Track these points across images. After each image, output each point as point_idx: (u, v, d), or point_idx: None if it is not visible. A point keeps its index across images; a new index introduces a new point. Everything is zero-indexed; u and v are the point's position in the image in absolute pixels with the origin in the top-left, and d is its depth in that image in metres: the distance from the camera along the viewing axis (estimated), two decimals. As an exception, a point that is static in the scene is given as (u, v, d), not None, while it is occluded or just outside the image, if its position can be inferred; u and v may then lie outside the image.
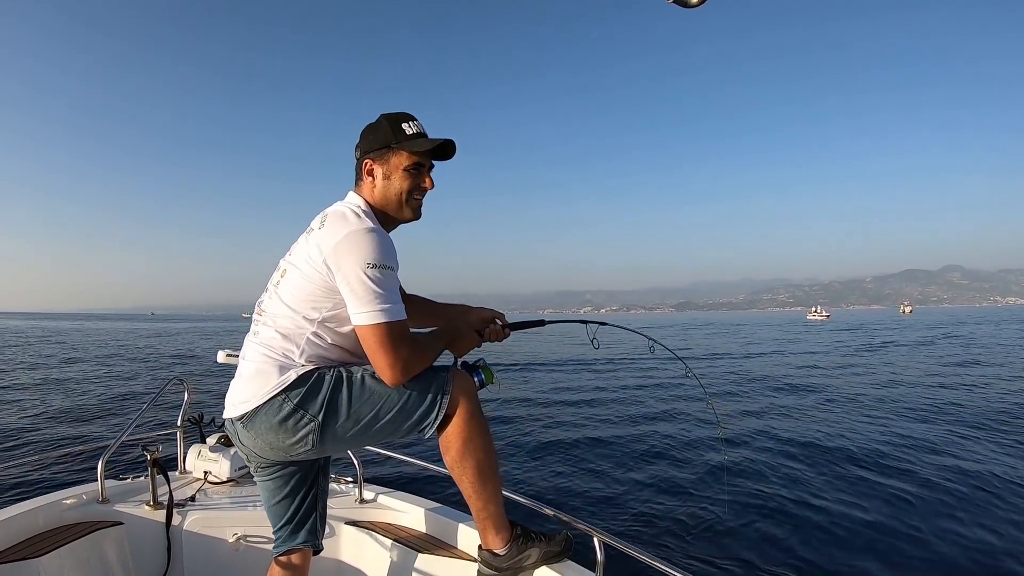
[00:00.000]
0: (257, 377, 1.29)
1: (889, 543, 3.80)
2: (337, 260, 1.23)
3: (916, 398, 9.56)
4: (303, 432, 1.27)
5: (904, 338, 27.33)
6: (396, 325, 1.24)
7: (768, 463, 5.71)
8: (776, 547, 3.73)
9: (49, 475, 4.38)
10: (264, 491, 1.48)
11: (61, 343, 25.34)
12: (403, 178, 1.38)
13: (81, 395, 9.83)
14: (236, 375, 1.36)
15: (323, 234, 1.28)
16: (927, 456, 5.83)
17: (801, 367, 15.09)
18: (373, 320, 1.22)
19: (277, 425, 1.27)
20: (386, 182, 1.38)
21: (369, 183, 1.39)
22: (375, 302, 1.22)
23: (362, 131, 1.41)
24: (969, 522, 4.05)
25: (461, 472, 1.39)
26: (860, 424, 7.58)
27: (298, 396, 1.26)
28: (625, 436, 7.39)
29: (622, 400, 10.80)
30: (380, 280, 1.23)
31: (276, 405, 1.26)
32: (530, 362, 16.63)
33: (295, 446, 1.29)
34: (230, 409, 1.34)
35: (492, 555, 1.49)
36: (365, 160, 1.38)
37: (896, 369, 14.43)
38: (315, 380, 1.29)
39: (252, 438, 1.31)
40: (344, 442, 1.34)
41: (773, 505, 4.50)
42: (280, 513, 1.48)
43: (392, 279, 1.27)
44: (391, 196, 1.38)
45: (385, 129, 1.37)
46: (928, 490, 4.76)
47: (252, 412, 1.28)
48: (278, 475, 1.44)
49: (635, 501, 4.70)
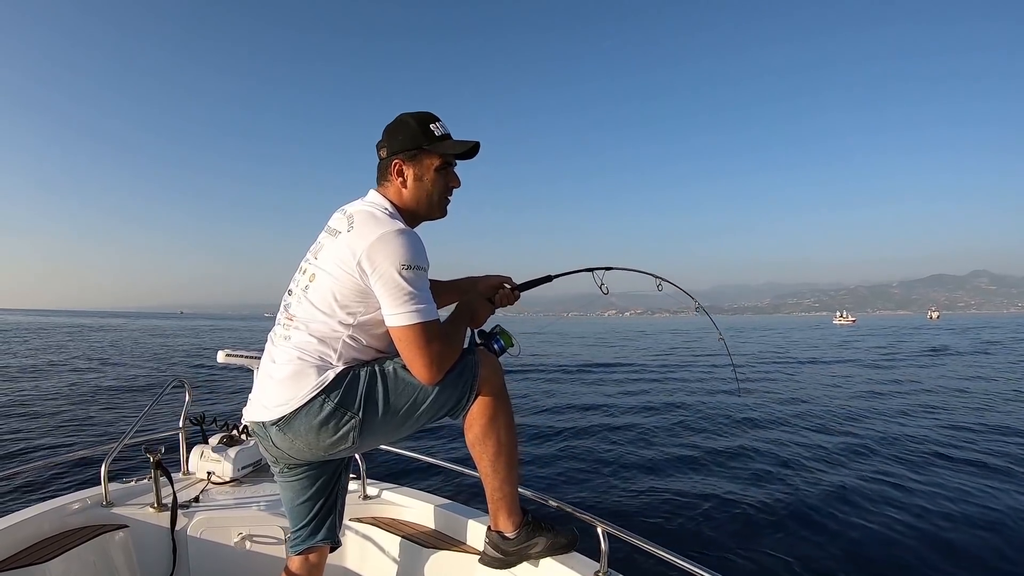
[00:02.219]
0: (293, 379, 1.27)
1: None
2: (372, 262, 1.22)
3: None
4: (344, 430, 1.28)
5: (957, 344, 25.85)
6: (430, 324, 1.25)
7: (814, 466, 5.58)
8: (786, 542, 3.67)
9: (52, 480, 4.49)
10: (288, 491, 1.47)
11: (79, 341, 25.92)
12: (435, 179, 1.38)
13: (83, 395, 10.01)
14: (264, 377, 1.34)
15: (354, 236, 1.26)
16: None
17: (873, 380, 13.33)
18: (408, 321, 1.23)
19: (318, 426, 1.27)
20: (418, 183, 1.37)
21: (398, 184, 1.37)
22: (410, 303, 1.23)
23: (387, 130, 1.39)
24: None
25: (482, 450, 1.41)
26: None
27: (337, 396, 1.27)
28: (630, 428, 7.37)
29: (629, 392, 10.80)
30: (414, 281, 1.23)
31: (316, 406, 1.26)
32: (542, 364, 16.68)
33: (336, 445, 1.29)
34: (262, 412, 1.31)
35: (501, 537, 1.49)
36: (394, 161, 1.36)
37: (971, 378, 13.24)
38: (351, 378, 1.29)
39: (289, 440, 1.30)
40: (384, 436, 1.37)
41: (788, 502, 4.44)
42: (303, 513, 1.48)
43: (424, 279, 1.27)
44: (423, 197, 1.38)
45: (414, 130, 1.35)
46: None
47: (291, 415, 1.27)
48: (305, 476, 1.44)
49: (639, 491, 4.70)
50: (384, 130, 1.39)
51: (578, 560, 1.50)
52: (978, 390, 11.01)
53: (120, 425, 7.40)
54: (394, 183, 1.37)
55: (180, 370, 15.00)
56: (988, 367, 15.79)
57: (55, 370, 14.15)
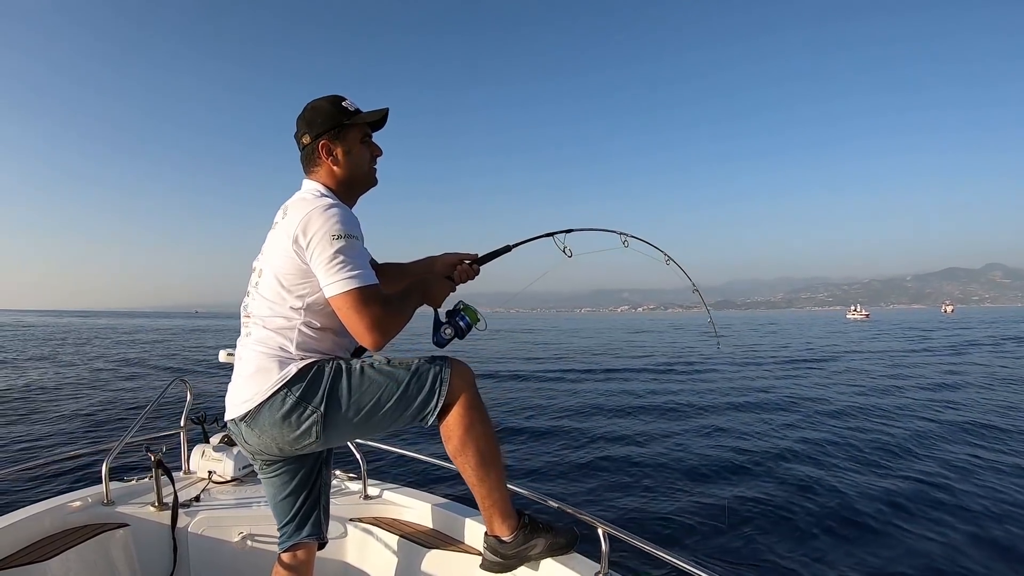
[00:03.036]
0: (257, 375, 1.31)
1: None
2: (305, 236, 1.25)
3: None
4: (307, 425, 1.28)
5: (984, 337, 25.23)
6: (367, 289, 1.25)
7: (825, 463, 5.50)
8: (785, 543, 3.61)
9: (54, 478, 4.54)
10: (269, 488, 1.50)
11: (91, 340, 26.32)
12: (361, 151, 1.44)
13: (85, 396, 10.12)
14: (234, 377, 1.38)
15: (288, 220, 1.31)
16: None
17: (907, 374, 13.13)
18: (344, 288, 1.24)
19: (281, 420, 1.28)
20: (348, 157, 1.42)
21: (329, 163, 1.41)
22: (344, 270, 1.24)
23: (304, 119, 1.42)
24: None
25: (464, 461, 1.40)
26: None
27: (300, 389, 1.28)
28: (628, 428, 7.32)
29: (627, 392, 10.72)
30: (346, 249, 1.25)
31: (279, 400, 1.28)
32: (537, 361, 16.57)
33: (300, 439, 1.30)
34: (231, 410, 1.35)
35: (498, 541, 1.48)
36: (321, 142, 1.40)
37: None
38: (315, 373, 1.31)
39: (257, 436, 1.33)
40: (347, 433, 1.37)
41: (786, 503, 4.37)
42: (285, 509, 1.49)
43: (358, 248, 1.28)
44: (356, 168, 1.44)
45: (331, 110, 1.40)
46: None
47: (255, 410, 1.29)
48: (282, 471, 1.46)
49: (639, 492, 4.67)
50: (300, 119, 1.43)
51: (578, 561, 1.48)
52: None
53: (122, 424, 7.49)
54: (325, 164, 1.41)
55: (183, 369, 15.18)
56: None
57: (59, 369, 14.44)
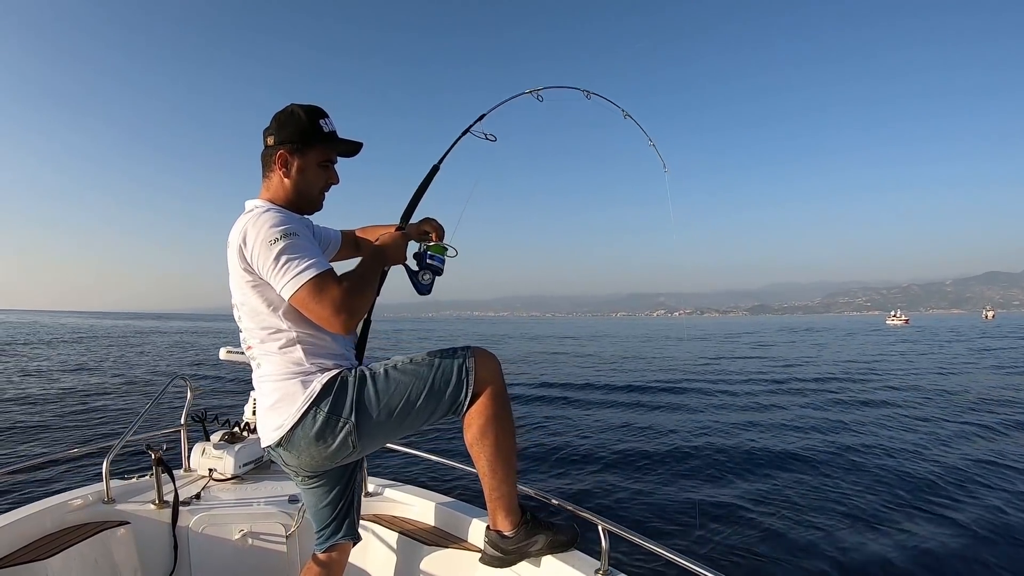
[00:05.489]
0: (282, 402, 1.31)
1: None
2: (247, 250, 1.24)
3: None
4: (341, 437, 1.29)
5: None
6: (317, 277, 1.21)
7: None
8: (786, 543, 3.65)
9: (54, 476, 4.51)
10: (309, 498, 1.52)
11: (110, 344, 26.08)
12: (317, 174, 1.40)
13: (87, 397, 10.04)
14: (258, 410, 1.39)
15: (230, 239, 1.30)
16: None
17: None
18: (296, 285, 1.20)
19: (315, 438, 1.29)
20: (300, 176, 1.38)
21: (281, 174, 1.37)
22: (290, 269, 1.21)
23: (276, 119, 1.38)
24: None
25: (480, 449, 1.41)
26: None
27: (328, 404, 1.29)
28: (629, 428, 7.35)
29: (625, 390, 10.77)
30: (286, 248, 1.21)
31: (310, 419, 1.29)
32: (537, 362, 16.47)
33: (338, 452, 1.31)
34: (266, 438, 1.36)
35: (500, 536, 1.50)
36: (279, 151, 1.36)
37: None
38: (340, 385, 1.31)
39: (296, 457, 1.33)
40: (383, 436, 1.37)
41: (791, 501, 4.43)
42: (326, 516, 1.52)
43: (299, 242, 1.24)
44: (304, 189, 1.39)
45: (304, 123, 1.36)
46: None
47: (288, 433, 1.30)
48: (324, 483, 1.48)
49: (640, 490, 4.70)
50: (273, 117, 1.39)
51: (579, 558, 1.50)
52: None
53: (123, 422, 7.44)
54: (276, 173, 1.37)
55: (183, 369, 15.07)
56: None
57: (74, 370, 14.28)
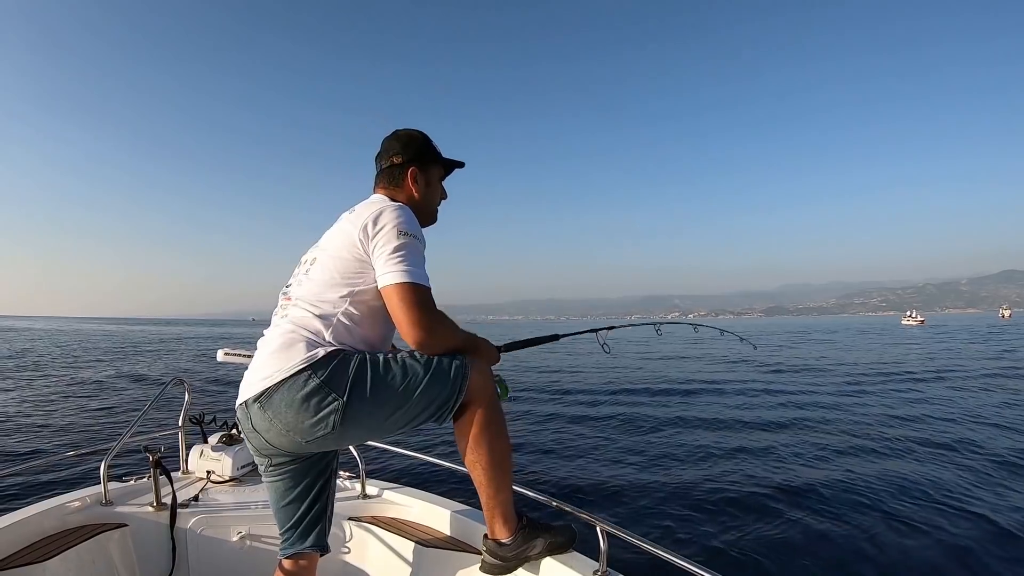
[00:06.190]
0: (282, 351, 1.26)
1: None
2: (373, 228, 1.31)
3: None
4: (325, 412, 1.23)
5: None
6: (422, 288, 1.29)
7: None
8: (789, 545, 3.63)
9: (52, 478, 4.49)
10: (273, 492, 1.45)
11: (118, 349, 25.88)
12: (439, 188, 1.61)
13: (88, 397, 10.03)
14: (255, 357, 1.33)
15: (356, 215, 1.38)
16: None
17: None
18: (400, 279, 1.27)
19: (299, 402, 1.22)
20: (428, 189, 1.56)
21: (413, 189, 1.52)
22: (403, 263, 1.28)
23: (396, 141, 1.55)
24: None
25: (475, 459, 1.40)
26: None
27: (324, 374, 1.24)
28: (632, 429, 7.36)
29: (626, 391, 10.77)
30: (409, 245, 1.31)
31: (301, 380, 1.23)
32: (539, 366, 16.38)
33: (315, 427, 1.24)
34: (247, 389, 1.29)
35: (497, 544, 1.49)
36: (411, 168, 1.52)
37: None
38: (341, 360, 1.27)
39: (268, 420, 1.26)
40: (365, 428, 1.30)
41: (793, 502, 4.41)
42: (289, 515, 1.46)
43: (420, 250, 1.34)
44: (430, 203, 1.57)
45: (424, 143, 1.56)
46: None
47: (273, 387, 1.24)
48: (288, 475, 1.42)
49: (638, 491, 4.69)
50: (393, 140, 1.55)
51: (578, 560, 1.50)
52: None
53: (120, 424, 7.40)
54: (408, 187, 1.52)
55: (181, 371, 15.01)
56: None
57: (75, 372, 14.21)
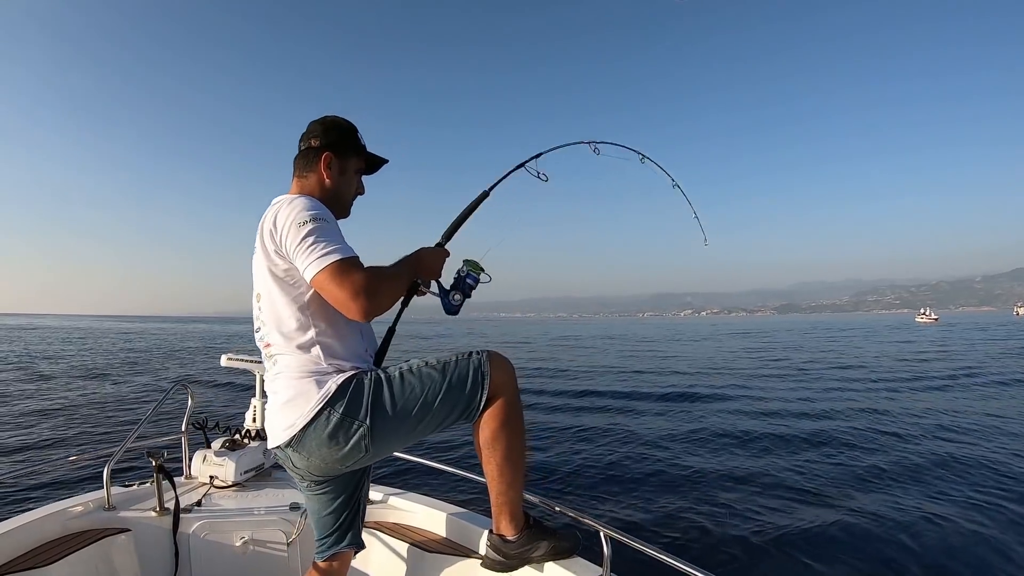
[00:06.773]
0: (296, 400, 1.29)
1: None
2: (276, 232, 1.27)
3: None
4: (355, 440, 1.27)
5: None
6: (343, 260, 1.23)
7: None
8: (790, 551, 3.62)
9: (55, 483, 4.48)
10: (313, 504, 1.49)
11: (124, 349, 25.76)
12: (353, 180, 1.50)
13: (88, 399, 10.03)
14: (269, 407, 1.36)
15: (260, 225, 1.33)
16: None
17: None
18: (320, 266, 1.21)
19: (328, 439, 1.27)
20: (342, 179, 1.47)
21: (324, 174, 1.44)
22: (316, 249, 1.23)
23: (320, 123, 1.46)
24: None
25: (491, 453, 1.41)
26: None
27: (342, 406, 1.27)
28: (631, 433, 7.34)
29: (629, 395, 10.76)
30: (315, 230, 1.24)
31: (323, 420, 1.27)
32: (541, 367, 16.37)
33: (350, 456, 1.29)
34: (275, 438, 1.33)
35: (502, 540, 1.50)
36: (325, 153, 1.43)
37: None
38: (355, 386, 1.30)
39: (305, 459, 1.31)
40: (397, 441, 1.35)
41: (797, 505, 4.41)
42: (330, 523, 1.50)
43: (329, 227, 1.28)
44: (342, 193, 1.48)
45: (348, 131, 1.47)
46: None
47: (299, 434, 1.28)
48: (330, 489, 1.46)
49: (642, 496, 4.67)
50: (316, 123, 1.47)
51: (581, 565, 1.50)
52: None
53: (124, 429, 7.40)
54: (318, 172, 1.43)
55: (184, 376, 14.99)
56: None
57: (74, 374, 14.20)
